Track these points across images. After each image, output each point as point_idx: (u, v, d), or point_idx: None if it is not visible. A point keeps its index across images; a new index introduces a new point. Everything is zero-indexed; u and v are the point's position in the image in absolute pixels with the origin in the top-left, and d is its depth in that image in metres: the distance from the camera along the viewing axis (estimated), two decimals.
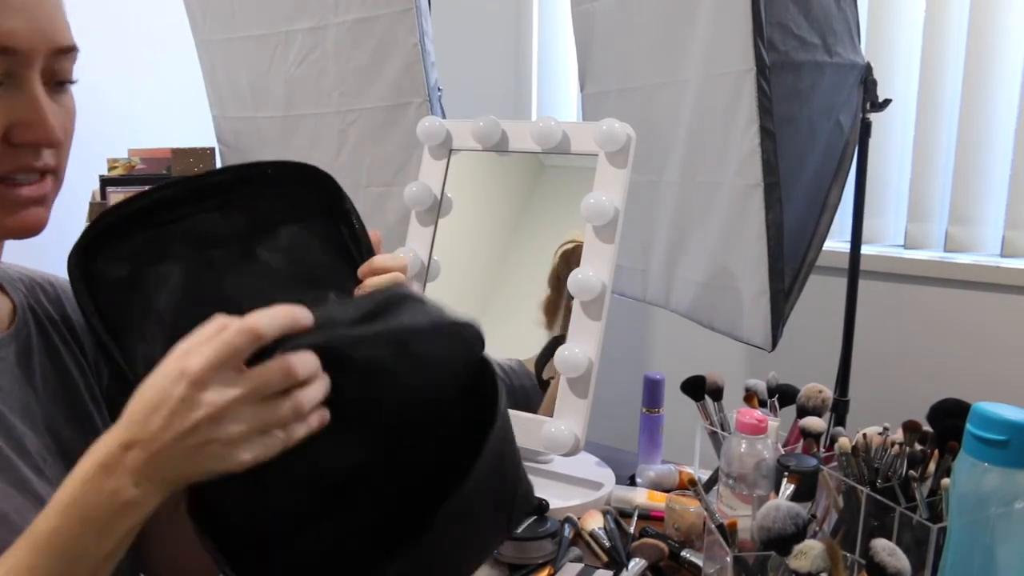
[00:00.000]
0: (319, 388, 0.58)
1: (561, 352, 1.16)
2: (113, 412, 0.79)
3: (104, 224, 0.73)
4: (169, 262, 0.74)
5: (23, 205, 0.69)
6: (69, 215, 1.57)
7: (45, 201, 0.71)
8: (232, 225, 0.77)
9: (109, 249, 0.73)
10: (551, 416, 1.18)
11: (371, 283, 0.76)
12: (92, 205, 1.89)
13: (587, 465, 1.28)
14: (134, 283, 0.73)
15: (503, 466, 0.67)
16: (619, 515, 1.13)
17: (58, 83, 0.69)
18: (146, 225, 0.74)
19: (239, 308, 0.65)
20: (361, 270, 0.77)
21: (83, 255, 0.72)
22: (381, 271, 0.77)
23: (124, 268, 0.73)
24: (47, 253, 0.87)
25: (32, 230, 0.70)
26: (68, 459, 0.75)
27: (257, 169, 0.78)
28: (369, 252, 0.79)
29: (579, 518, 1.11)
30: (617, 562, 1.02)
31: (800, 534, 0.76)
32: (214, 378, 0.56)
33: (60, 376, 0.79)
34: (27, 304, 0.79)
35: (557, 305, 1.26)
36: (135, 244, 0.74)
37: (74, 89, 0.72)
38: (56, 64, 0.67)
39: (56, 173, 0.71)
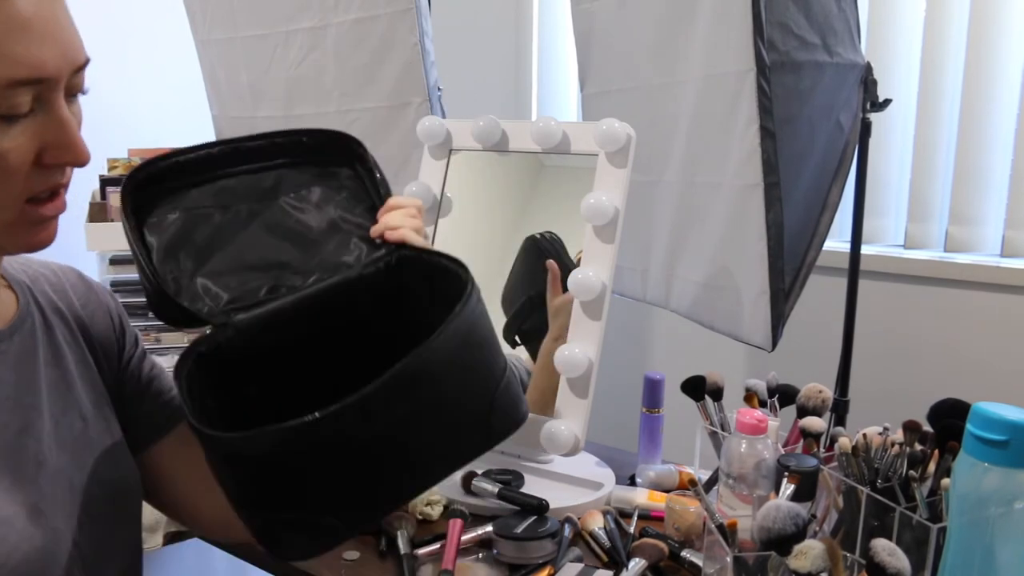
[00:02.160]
0: None
1: (561, 352, 1.16)
2: (131, 383, 0.87)
3: (158, 167, 0.82)
4: (206, 210, 0.84)
5: (45, 222, 0.71)
6: (69, 215, 1.57)
7: (59, 216, 0.73)
8: (265, 183, 0.87)
9: (157, 192, 0.82)
10: (551, 416, 1.18)
11: (385, 218, 0.86)
12: (92, 205, 1.88)
13: (587, 465, 1.28)
14: (176, 223, 0.83)
15: (473, 346, 0.72)
16: (619, 515, 1.13)
17: (71, 95, 0.70)
18: (189, 175, 0.84)
19: (260, 253, 0.84)
20: (378, 213, 0.87)
21: (135, 192, 0.80)
22: (395, 208, 0.86)
23: (170, 210, 0.83)
24: (47, 251, 0.87)
25: (46, 245, 0.72)
26: (66, 452, 0.76)
27: (294, 136, 0.88)
28: (388, 195, 0.88)
29: (579, 518, 1.11)
30: (617, 562, 1.02)
31: (800, 534, 0.76)
32: None
33: (61, 369, 0.79)
34: (31, 296, 0.79)
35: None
36: (178, 190, 0.84)
37: None
38: (74, 80, 0.68)
39: (67, 186, 0.73)
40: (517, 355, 1.28)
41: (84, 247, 1.63)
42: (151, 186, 0.82)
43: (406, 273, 0.86)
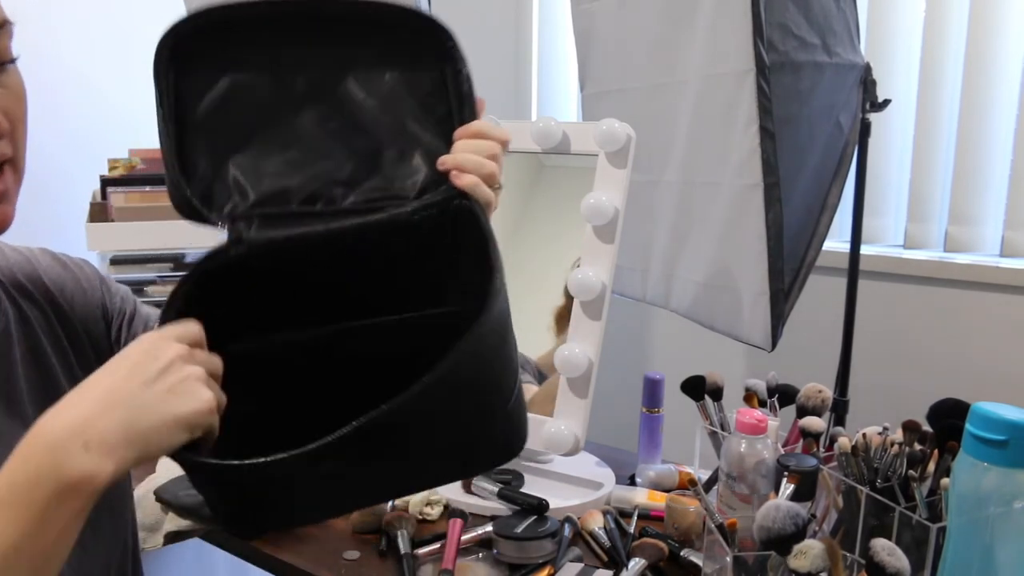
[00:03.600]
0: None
1: (561, 352, 1.16)
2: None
3: (211, 19, 0.69)
4: (257, 77, 0.72)
5: None
6: (69, 215, 1.57)
7: (6, 196, 0.66)
8: (332, 56, 0.73)
9: (204, 48, 0.70)
10: (551, 416, 1.18)
11: (461, 147, 0.73)
12: (92, 205, 1.89)
13: (587, 465, 1.28)
14: (220, 89, 0.71)
15: (473, 381, 0.61)
16: (619, 515, 1.13)
17: None
18: (245, 32, 0.71)
19: (306, 146, 0.71)
20: (457, 132, 0.74)
21: (178, 43, 0.69)
22: (477, 136, 0.74)
23: (217, 73, 0.71)
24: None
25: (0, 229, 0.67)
26: None
27: (378, 8, 0.72)
28: (471, 116, 0.75)
29: (579, 518, 1.11)
30: (617, 562, 1.02)
31: (800, 534, 0.76)
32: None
33: (40, 366, 0.76)
34: (4, 290, 0.76)
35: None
36: (230, 49, 0.71)
37: (75, 89, 0.70)
38: None
39: (13, 163, 0.66)
40: (527, 357, 1.28)
41: (84, 247, 1.63)
42: (199, 40, 0.69)
43: (458, 227, 0.72)
